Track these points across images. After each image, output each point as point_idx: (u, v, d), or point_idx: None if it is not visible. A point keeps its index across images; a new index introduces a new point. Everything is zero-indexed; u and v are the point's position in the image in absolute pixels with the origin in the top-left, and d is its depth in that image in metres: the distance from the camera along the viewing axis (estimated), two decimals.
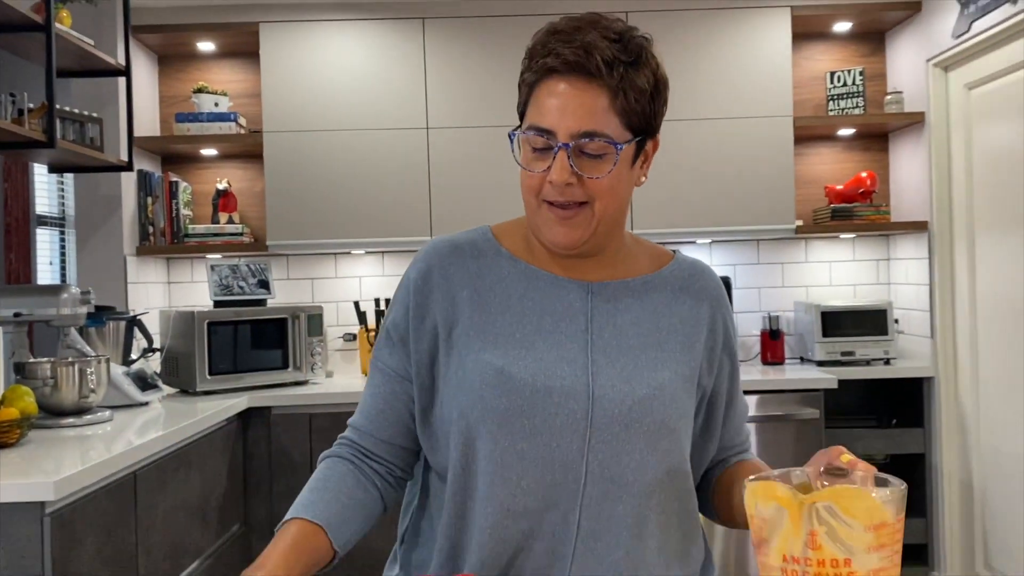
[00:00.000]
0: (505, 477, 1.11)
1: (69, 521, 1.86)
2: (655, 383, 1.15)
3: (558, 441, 1.11)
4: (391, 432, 1.22)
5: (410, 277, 1.23)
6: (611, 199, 1.13)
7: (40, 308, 2.61)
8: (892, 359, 3.63)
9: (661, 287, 1.22)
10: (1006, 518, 3.16)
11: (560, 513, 1.11)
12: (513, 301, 1.18)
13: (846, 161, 3.96)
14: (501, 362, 1.13)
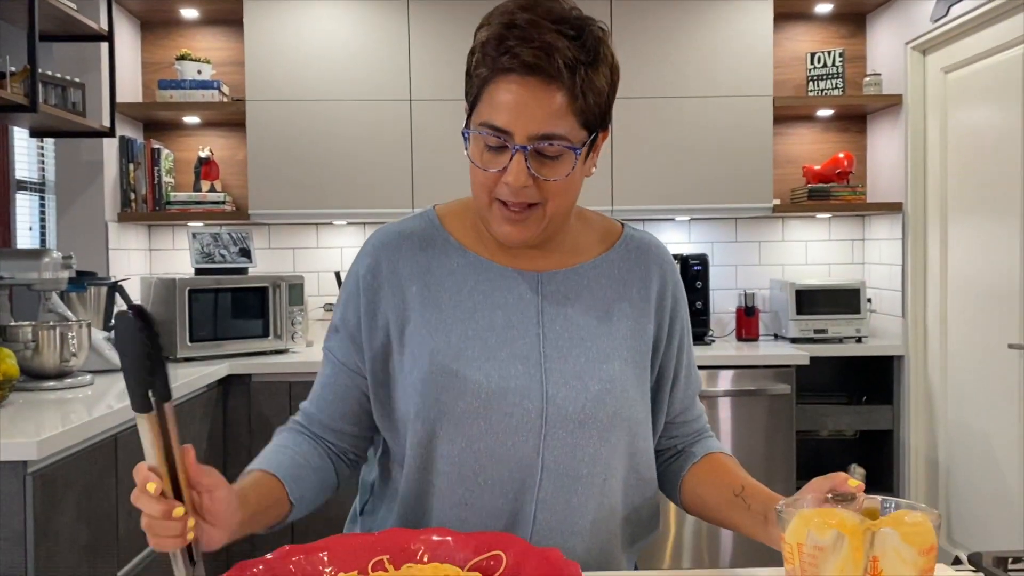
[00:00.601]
0: (462, 475, 1.14)
1: (51, 480, 1.89)
2: (607, 376, 1.16)
3: (514, 440, 1.13)
4: (342, 421, 1.24)
5: (359, 273, 1.22)
6: (564, 198, 1.13)
7: (21, 272, 2.62)
8: (864, 337, 3.71)
9: (609, 271, 1.22)
10: (970, 494, 3.25)
11: (517, 507, 1.14)
12: (463, 295, 1.18)
13: (824, 142, 4.01)
14: (455, 365, 1.14)
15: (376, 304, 1.19)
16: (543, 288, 1.19)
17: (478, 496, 1.14)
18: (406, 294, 1.18)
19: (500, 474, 1.13)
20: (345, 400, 1.23)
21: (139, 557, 2.32)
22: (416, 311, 1.17)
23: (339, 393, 1.23)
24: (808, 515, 0.89)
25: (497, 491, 1.14)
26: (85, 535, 2.03)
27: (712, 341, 3.75)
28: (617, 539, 1.23)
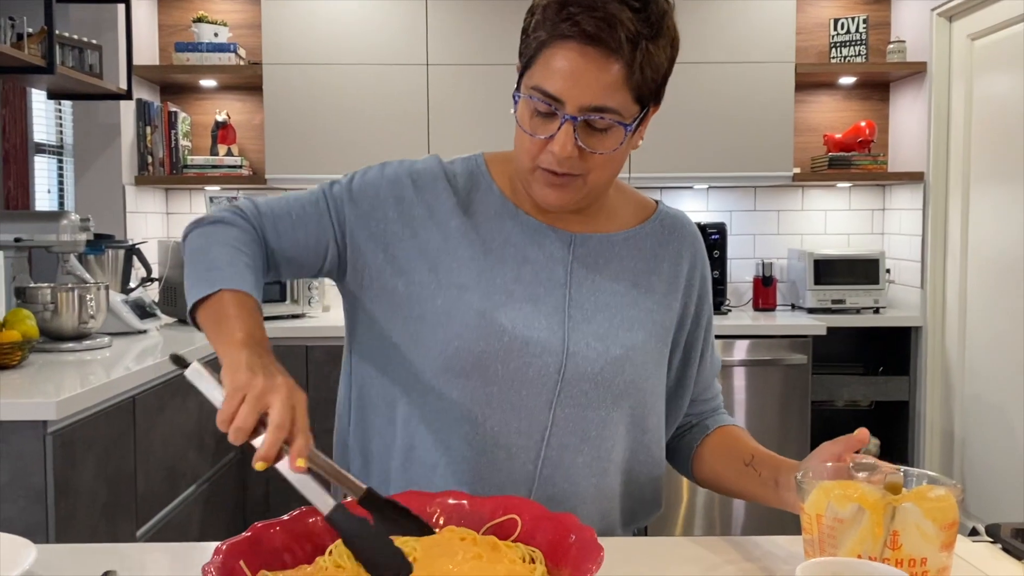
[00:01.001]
0: (469, 416, 1.13)
1: (70, 441, 1.91)
2: (629, 343, 1.16)
3: (528, 391, 1.13)
4: (288, 246, 1.18)
5: (416, 169, 1.20)
6: (607, 171, 1.12)
7: (40, 234, 2.63)
8: (882, 308, 3.68)
9: (642, 244, 1.22)
10: (985, 467, 3.24)
11: (522, 460, 1.14)
12: (497, 243, 1.17)
13: (846, 110, 3.96)
14: (482, 305, 1.13)
15: (414, 210, 1.17)
16: (575, 249, 1.19)
17: (482, 440, 1.13)
18: (449, 223, 1.17)
19: (509, 423, 1.13)
20: (305, 231, 1.17)
21: (157, 516, 2.35)
22: (452, 243, 1.16)
23: (304, 223, 1.18)
24: (829, 487, 0.89)
25: (502, 439, 1.13)
26: (104, 494, 2.06)
27: (729, 311, 3.73)
28: (616, 511, 1.23)
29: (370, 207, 1.18)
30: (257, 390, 0.90)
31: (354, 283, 1.20)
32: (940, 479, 0.91)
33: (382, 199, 1.18)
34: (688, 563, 1.06)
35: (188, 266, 1.11)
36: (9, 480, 1.82)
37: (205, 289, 1.05)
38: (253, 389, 0.90)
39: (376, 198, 1.18)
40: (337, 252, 1.18)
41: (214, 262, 1.09)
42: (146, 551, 1.14)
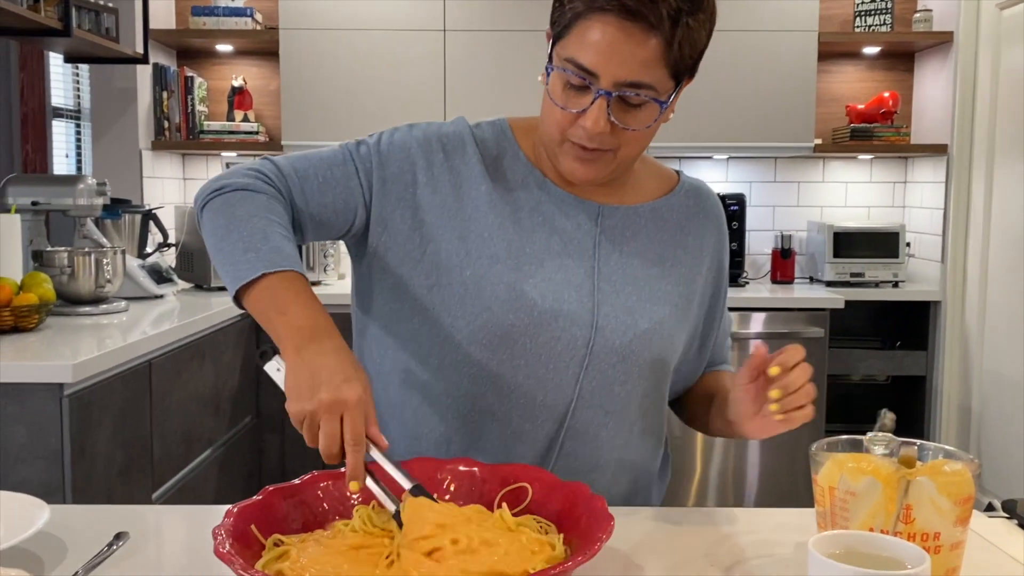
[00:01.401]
0: (496, 386, 1.12)
1: (86, 403, 1.92)
2: (656, 317, 1.15)
3: (555, 364, 1.12)
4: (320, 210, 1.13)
5: (445, 132, 1.17)
6: (638, 146, 1.10)
7: (57, 198, 2.63)
8: (901, 282, 3.65)
9: (667, 216, 1.20)
10: (1002, 443, 3.22)
11: (545, 432, 1.13)
12: (525, 212, 1.14)
13: (869, 80, 3.90)
14: (513, 277, 1.11)
15: (444, 175, 1.14)
16: (603, 221, 1.17)
17: (506, 412, 1.12)
18: (479, 189, 1.14)
19: (534, 395, 1.12)
20: (333, 194, 1.13)
21: (173, 480, 2.37)
22: (483, 210, 1.13)
23: (331, 186, 1.13)
24: (842, 459, 0.88)
25: (527, 412, 1.13)
26: (120, 457, 2.08)
27: (746, 283, 3.71)
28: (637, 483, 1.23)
29: (399, 170, 1.15)
30: (306, 419, 0.91)
31: (378, 247, 1.15)
32: (957, 453, 0.90)
33: (412, 162, 1.15)
34: (700, 534, 1.05)
35: (217, 242, 1.05)
36: (26, 442, 1.84)
37: (246, 273, 1.00)
38: (302, 419, 0.91)
39: (405, 160, 1.15)
40: (366, 215, 1.15)
41: (249, 240, 1.02)
42: (158, 513, 1.15)
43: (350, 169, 1.14)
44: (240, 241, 1.03)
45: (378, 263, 1.16)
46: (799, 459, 3.37)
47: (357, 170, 1.14)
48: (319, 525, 0.94)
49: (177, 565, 0.98)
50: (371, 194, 1.14)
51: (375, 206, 1.14)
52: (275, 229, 1.05)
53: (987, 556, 0.99)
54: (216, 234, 1.06)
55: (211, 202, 1.09)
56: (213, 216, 1.08)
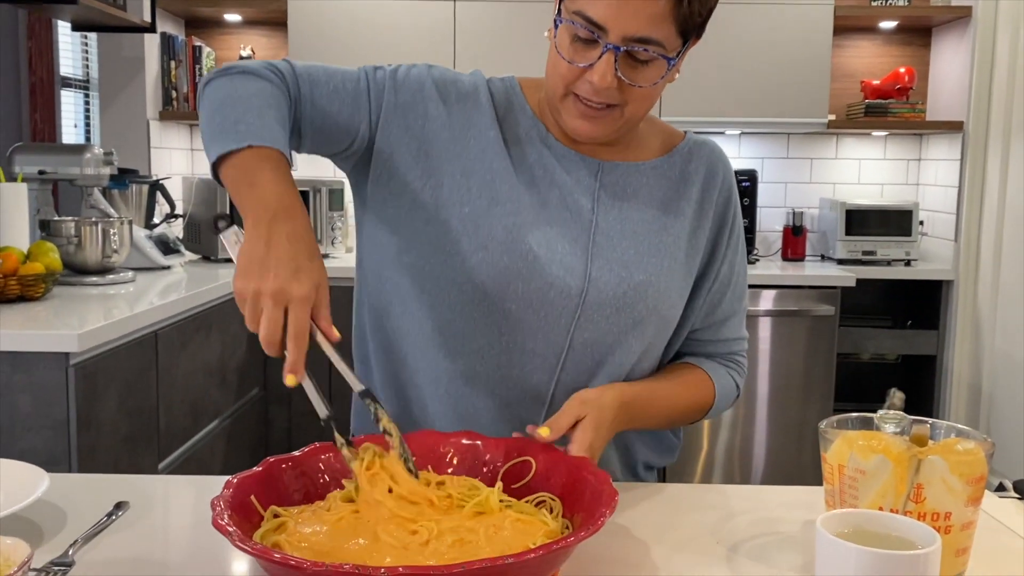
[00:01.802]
0: (487, 329, 1.11)
1: (92, 373, 1.92)
2: (653, 269, 1.13)
3: (547, 311, 1.10)
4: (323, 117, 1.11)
5: (461, 78, 1.16)
6: (644, 104, 1.08)
7: (64, 167, 2.62)
8: (913, 261, 3.61)
9: (670, 171, 1.18)
10: (1013, 423, 3.20)
11: (533, 381, 1.12)
12: (528, 163, 1.14)
13: (885, 56, 3.84)
14: (511, 221, 1.10)
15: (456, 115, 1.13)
16: (603, 177, 1.16)
17: (496, 357, 1.11)
18: (488, 134, 1.14)
19: (524, 343, 1.11)
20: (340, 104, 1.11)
21: (180, 450, 2.37)
22: (489, 154, 1.13)
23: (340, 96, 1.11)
24: (853, 437, 0.86)
25: (516, 358, 1.11)
26: (126, 427, 2.08)
27: (757, 260, 3.68)
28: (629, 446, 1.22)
29: (412, 100, 1.13)
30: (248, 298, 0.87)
31: (380, 174, 1.14)
32: (970, 432, 0.88)
33: (426, 95, 1.14)
34: (705, 511, 1.04)
35: (211, 113, 1.02)
36: (32, 411, 1.84)
37: (232, 142, 0.97)
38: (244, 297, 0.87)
39: (420, 92, 1.14)
40: (368, 136, 1.13)
41: (243, 114, 1.00)
42: (159, 483, 1.14)
43: (362, 87, 1.13)
44: (233, 114, 1.00)
45: (379, 192, 1.15)
46: (806, 437, 3.36)
47: (369, 89, 1.13)
48: (320, 497, 0.93)
49: (177, 535, 0.97)
50: (379, 117, 1.13)
51: (381, 130, 1.13)
52: (272, 112, 1.02)
53: (998, 536, 0.98)
54: (211, 106, 1.03)
55: (216, 80, 1.07)
56: (214, 91, 1.05)
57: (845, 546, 0.71)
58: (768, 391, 3.37)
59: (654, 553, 0.92)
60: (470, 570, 0.69)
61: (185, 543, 0.94)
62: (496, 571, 0.70)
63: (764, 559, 0.91)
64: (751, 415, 3.39)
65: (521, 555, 0.72)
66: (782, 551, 0.93)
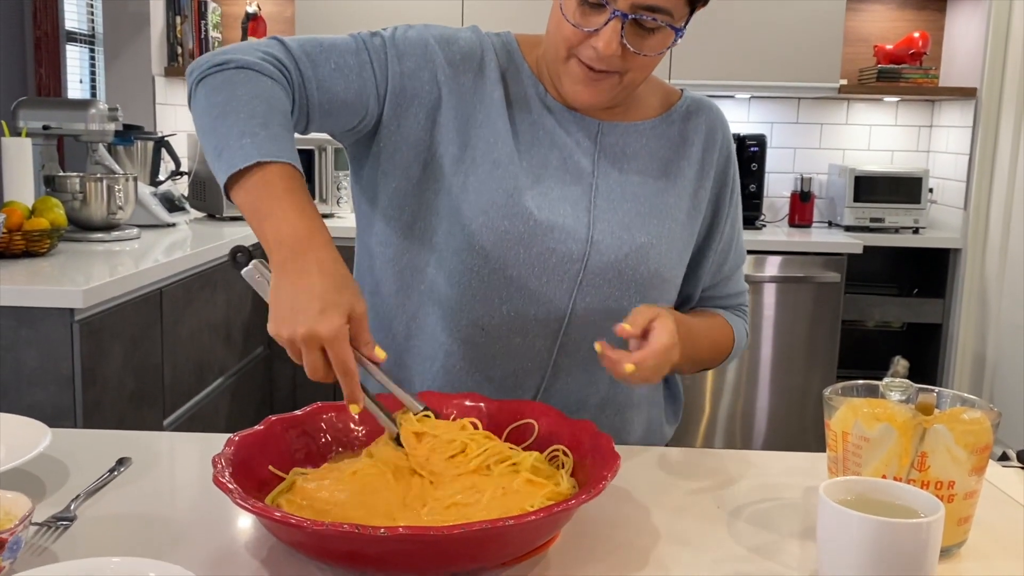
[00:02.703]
0: (487, 296, 1.10)
1: (97, 329, 1.92)
2: (655, 232, 1.12)
3: (549, 277, 1.10)
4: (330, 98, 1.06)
5: (462, 36, 1.13)
6: (645, 71, 1.07)
7: (68, 122, 2.61)
8: (921, 228, 3.59)
9: (669, 130, 1.17)
10: (1016, 392, 3.20)
11: (535, 348, 1.12)
12: (527, 125, 1.12)
13: (899, 20, 3.78)
14: (511, 184, 1.09)
15: (461, 76, 1.11)
16: (602, 139, 1.14)
17: (498, 324, 1.11)
18: (492, 95, 1.11)
19: (527, 308, 1.10)
20: (346, 82, 1.06)
21: (185, 407, 2.38)
22: (492, 115, 1.11)
23: (345, 74, 1.06)
24: (857, 404, 0.86)
25: (518, 325, 1.11)
26: (131, 383, 2.08)
27: (763, 226, 3.66)
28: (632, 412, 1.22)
29: (416, 66, 1.10)
30: (287, 344, 0.86)
31: (387, 145, 1.11)
32: (976, 401, 0.88)
33: (430, 59, 1.10)
34: (707, 475, 1.04)
35: (213, 121, 0.96)
36: (38, 365, 1.84)
37: (239, 160, 0.91)
38: (284, 343, 0.86)
39: (423, 57, 1.10)
40: (379, 109, 1.09)
41: (249, 125, 0.94)
42: (162, 439, 1.15)
43: (364, 59, 1.09)
44: (237, 125, 0.94)
45: (385, 162, 1.12)
46: (809, 403, 3.37)
47: (371, 61, 1.09)
48: (321, 456, 0.93)
49: (179, 492, 0.98)
50: (387, 89, 1.09)
51: (390, 102, 1.09)
52: (276, 117, 0.96)
53: (1001, 506, 0.98)
54: (211, 113, 0.97)
55: (210, 77, 1.00)
56: (210, 93, 0.98)
57: (848, 513, 0.71)
58: (772, 357, 3.36)
59: (655, 517, 0.92)
60: (470, 531, 0.69)
61: (187, 500, 0.95)
62: (496, 532, 0.71)
63: (765, 524, 0.91)
64: (754, 380, 3.39)
65: (521, 517, 0.72)
66: (783, 517, 0.93)
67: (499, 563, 0.78)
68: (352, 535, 0.68)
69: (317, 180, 3.41)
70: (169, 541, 0.84)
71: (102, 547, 0.82)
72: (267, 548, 0.82)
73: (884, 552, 0.69)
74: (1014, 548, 0.88)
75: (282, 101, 1.00)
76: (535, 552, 0.80)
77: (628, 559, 0.83)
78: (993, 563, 0.85)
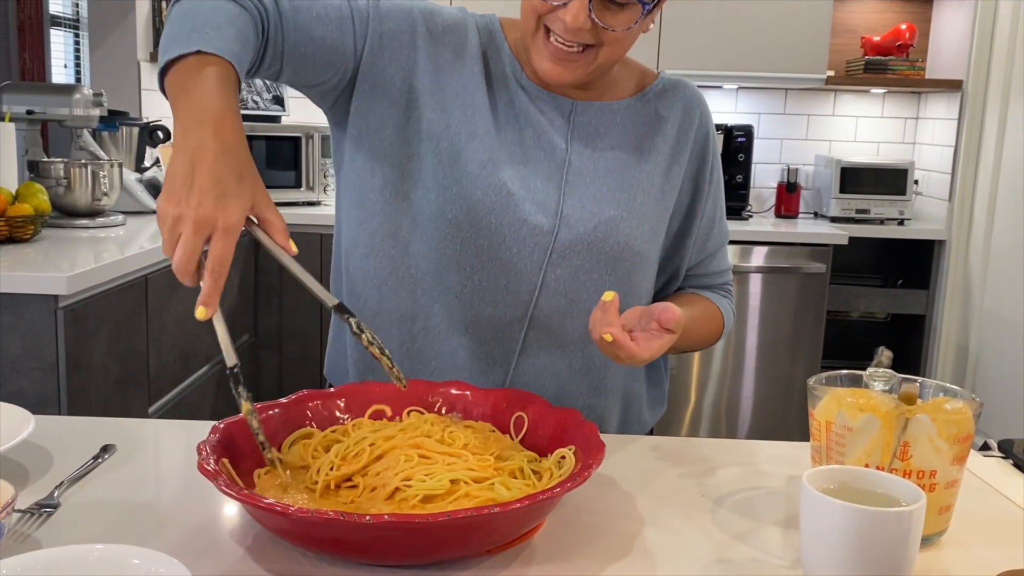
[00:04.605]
0: (460, 264, 1.10)
1: (82, 316, 1.91)
2: (626, 205, 1.13)
3: (519, 248, 1.10)
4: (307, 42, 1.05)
5: (446, 11, 1.14)
6: (619, 48, 1.07)
7: (52, 107, 2.58)
8: (907, 220, 3.61)
9: (644, 109, 1.18)
10: (999, 383, 3.22)
11: (506, 320, 1.12)
12: (504, 102, 1.13)
13: (887, 12, 3.79)
14: (486, 156, 1.10)
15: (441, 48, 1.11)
16: (575, 118, 1.15)
17: (470, 294, 1.11)
18: (472, 68, 1.12)
19: (498, 279, 1.11)
20: (324, 30, 1.05)
21: (170, 395, 2.38)
22: (470, 88, 1.12)
23: (324, 23, 1.06)
24: (841, 394, 0.86)
25: (490, 295, 1.11)
26: (116, 370, 2.07)
27: (750, 216, 3.67)
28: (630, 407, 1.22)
29: (397, 29, 1.10)
30: (168, 223, 0.79)
31: (361, 106, 1.11)
32: (958, 392, 0.88)
33: (412, 24, 1.11)
34: (691, 464, 1.05)
35: (169, 28, 0.94)
36: (22, 352, 1.83)
37: (180, 48, 0.89)
38: (165, 221, 0.79)
39: (405, 21, 1.11)
40: (354, 67, 1.09)
41: (201, 25, 0.91)
42: (148, 426, 1.14)
43: (345, 14, 1.08)
44: (189, 24, 0.92)
45: (360, 123, 1.12)
46: (794, 393, 3.39)
47: (353, 17, 1.09)
48: None
49: (164, 479, 0.98)
50: (364, 45, 1.09)
51: (366, 59, 1.09)
52: (232, 30, 0.94)
53: (982, 495, 0.99)
54: (172, 21, 0.95)
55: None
56: (178, 9, 0.96)
57: (830, 502, 0.71)
58: (757, 347, 3.38)
59: (639, 505, 0.92)
60: (456, 519, 0.69)
61: (172, 487, 0.95)
62: (481, 520, 0.71)
63: (749, 512, 0.92)
64: (739, 370, 3.41)
65: (506, 505, 0.72)
66: (767, 505, 0.94)
67: (485, 550, 0.78)
68: (337, 522, 0.69)
69: (304, 166, 3.39)
70: (153, 528, 0.83)
71: (86, 534, 0.82)
72: (252, 535, 0.82)
73: (866, 540, 0.70)
74: (995, 537, 0.89)
75: (246, 23, 0.97)
76: (521, 539, 0.80)
77: (613, 547, 0.83)
78: (974, 552, 0.86)
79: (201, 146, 0.81)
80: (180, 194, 0.79)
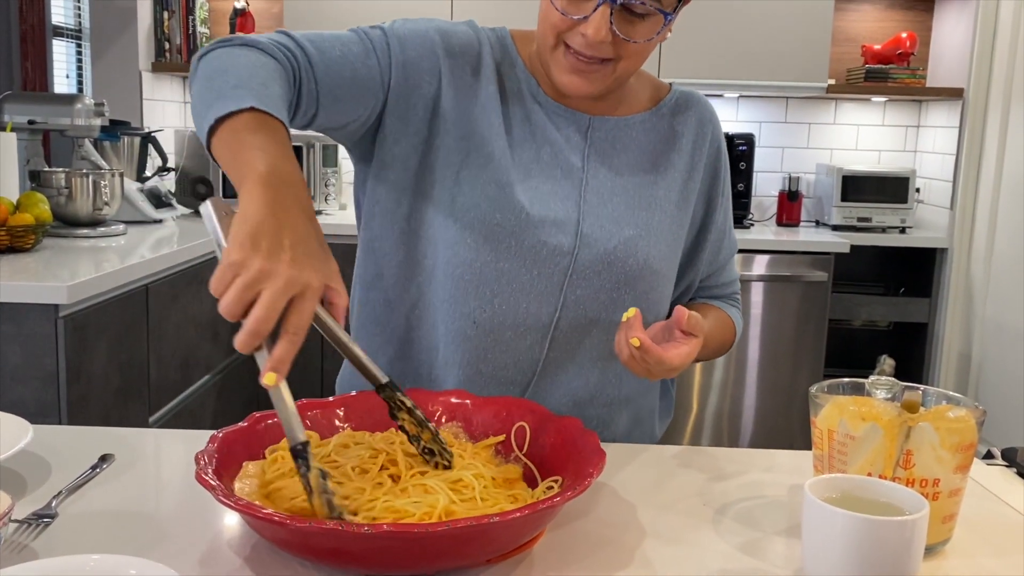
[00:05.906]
0: (479, 289, 1.09)
1: (82, 325, 1.91)
2: (643, 223, 1.13)
3: (540, 270, 1.10)
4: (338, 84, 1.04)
5: (459, 29, 1.12)
6: (638, 60, 1.07)
7: (54, 117, 2.59)
8: (908, 228, 3.60)
9: (659, 124, 1.18)
10: (1002, 391, 3.21)
11: (527, 342, 1.11)
12: (519, 119, 1.13)
13: (888, 20, 3.80)
14: (504, 178, 1.09)
15: (460, 70, 1.10)
16: (592, 134, 1.15)
17: (490, 318, 1.10)
18: (488, 88, 1.11)
19: (518, 302, 1.10)
20: (352, 70, 1.04)
21: (170, 404, 2.37)
22: (488, 109, 1.11)
23: (350, 61, 1.05)
24: (843, 403, 0.86)
25: (510, 319, 1.11)
26: (117, 380, 2.07)
27: (751, 225, 3.67)
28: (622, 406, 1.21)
29: (418, 56, 1.09)
30: (250, 274, 0.72)
31: (387, 137, 1.10)
32: (961, 400, 0.88)
33: (432, 51, 1.10)
34: (693, 472, 1.04)
35: (206, 82, 0.91)
36: (22, 362, 1.83)
37: (231, 104, 0.86)
38: (247, 271, 0.72)
39: (424, 47, 1.10)
40: (383, 100, 1.09)
41: (247, 80, 0.89)
42: (146, 436, 1.14)
43: (367, 47, 1.08)
44: (234, 79, 0.89)
45: (385, 154, 1.11)
46: (796, 402, 3.38)
47: (375, 50, 1.08)
48: None
49: (162, 489, 0.97)
50: (390, 77, 1.08)
51: (393, 91, 1.08)
52: (276, 88, 0.92)
53: (985, 504, 0.98)
54: (208, 74, 0.92)
55: (215, 51, 0.97)
56: (209, 62, 0.94)
57: (833, 511, 0.71)
58: (759, 355, 3.37)
59: (641, 514, 0.92)
60: (455, 529, 0.69)
61: (170, 497, 0.94)
62: (481, 530, 0.70)
63: (751, 522, 0.91)
64: (741, 379, 3.40)
65: (506, 514, 0.71)
66: (769, 514, 0.93)
67: (484, 560, 0.77)
68: (336, 532, 0.68)
69: (305, 176, 3.39)
70: (151, 538, 0.83)
71: (83, 544, 0.81)
72: (250, 545, 0.81)
73: (869, 549, 0.69)
74: (998, 546, 0.88)
75: (284, 78, 0.97)
76: (520, 549, 0.80)
77: (613, 557, 0.82)
78: (977, 561, 0.85)
79: (289, 207, 0.77)
80: (269, 249, 0.73)
